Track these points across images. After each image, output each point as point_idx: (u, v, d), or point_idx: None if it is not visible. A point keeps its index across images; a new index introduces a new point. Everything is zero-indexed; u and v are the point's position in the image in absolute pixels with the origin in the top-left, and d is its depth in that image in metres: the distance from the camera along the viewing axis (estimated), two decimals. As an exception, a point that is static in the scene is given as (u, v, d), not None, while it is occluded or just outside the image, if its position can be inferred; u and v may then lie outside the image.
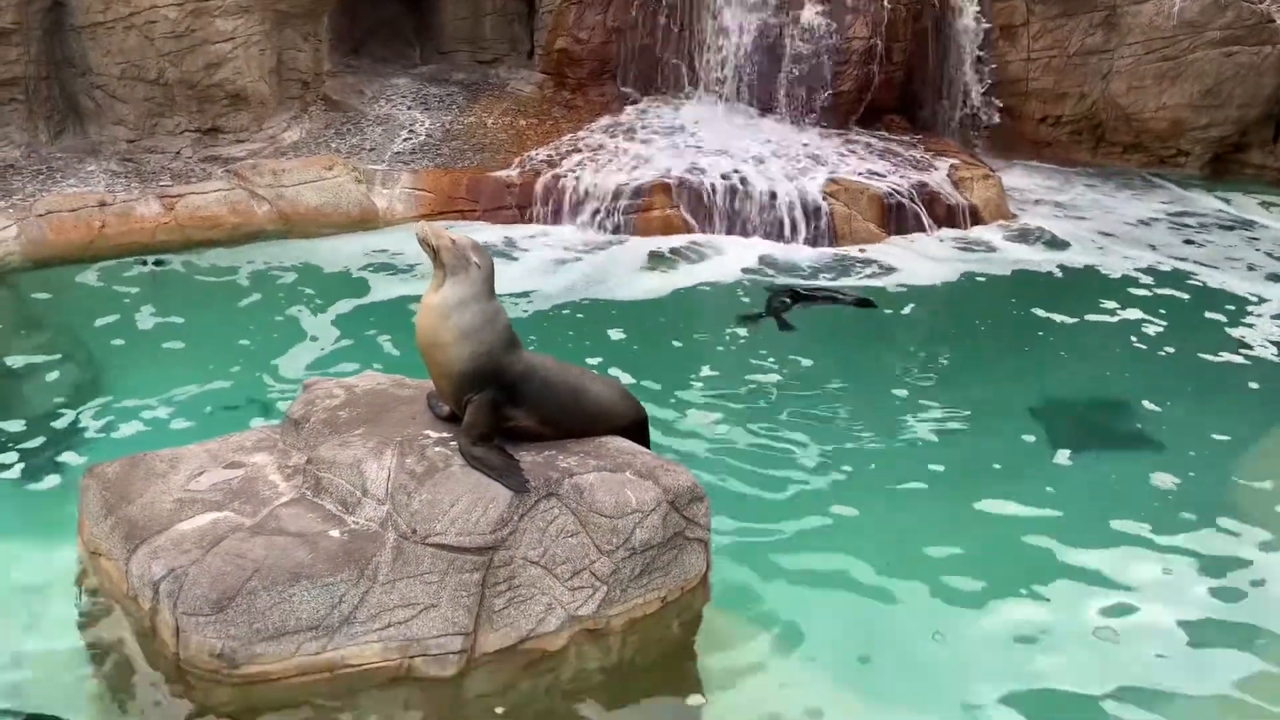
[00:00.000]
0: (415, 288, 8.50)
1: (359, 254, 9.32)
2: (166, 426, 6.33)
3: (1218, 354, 7.82)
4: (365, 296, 8.52)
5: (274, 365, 7.28)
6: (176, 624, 3.92)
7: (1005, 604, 4.93)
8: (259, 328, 7.86)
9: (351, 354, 7.43)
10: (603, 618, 4.24)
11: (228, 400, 6.73)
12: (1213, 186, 11.88)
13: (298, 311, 8.15)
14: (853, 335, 8.26)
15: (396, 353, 7.42)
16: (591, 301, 8.56)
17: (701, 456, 6.12)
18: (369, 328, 7.93)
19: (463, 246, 4.29)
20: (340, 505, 4.26)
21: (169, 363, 7.27)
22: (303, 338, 7.74)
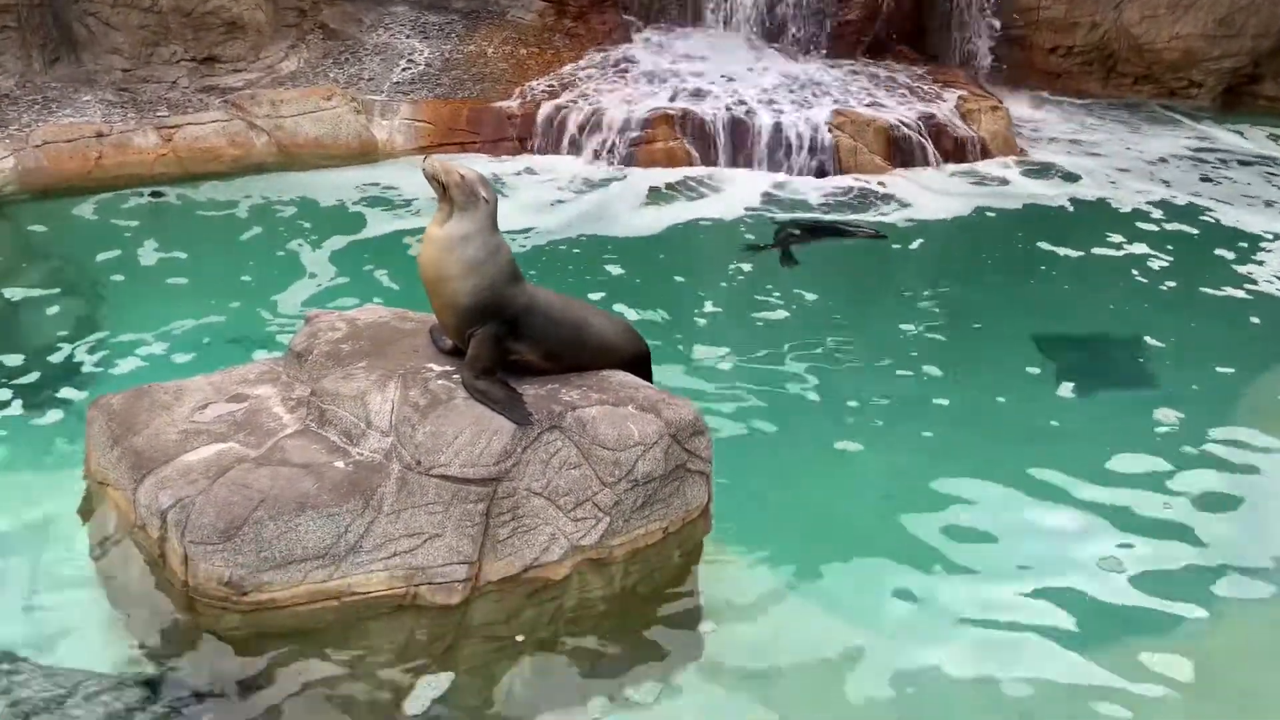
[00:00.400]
0: (415, 222, 8.45)
1: (359, 187, 9.24)
2: (169, 359, 6.34)
3: (1224, 289, 7.79)
4: (365, 230, 8.47)
5: (275, 298, 7.27)
6: (185, 552, 3.97)
7: (1006, 536, 4.98)
8: (259, 261, 7.83)
9: (352, 287, 7.41)
10: (605, 548, 4.30)
11: (230, 333, 6.74)
12: (1224, 119, 11.71)
13: (298, 245, 8.12)
14: (857, 269, 8.22)
15: (397, 286, 7.40)
16: (593, 235, 8.51)
17: (704, 390, 6.13)
18: (369, 261, 7.90)
19: (471, 181, 4.26)
20: (344, 437, 4.29)
21: (170, 295, 7.26)
22: (303, 271, 7.71)
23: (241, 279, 7.52)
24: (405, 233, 8.34)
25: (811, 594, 4.54)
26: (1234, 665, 4.25)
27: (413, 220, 8.56)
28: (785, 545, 4.82)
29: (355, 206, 8.90)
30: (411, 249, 7.94)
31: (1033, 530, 5.04)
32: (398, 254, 8.01)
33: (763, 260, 8.19)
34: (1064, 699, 4.02)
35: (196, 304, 7.09)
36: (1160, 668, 4.20)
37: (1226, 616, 4.51)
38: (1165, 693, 4.07)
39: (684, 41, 11.23)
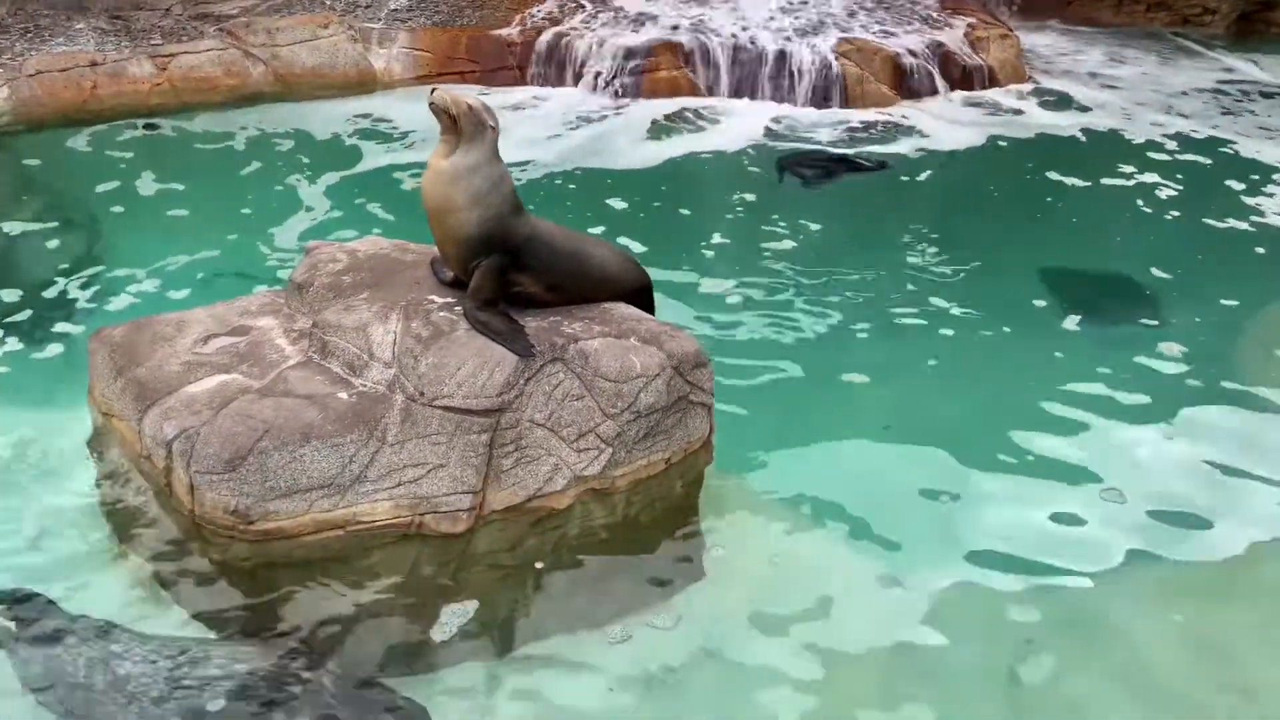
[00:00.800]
0: (414, 154, 8.36)
1: (357, 118, 9.13)
2: (169, 291, 6.33)
3: (1232, 221, 7.71)
4: (364, 162, 8.39)
5: (274, 230, 7.22)
6: (191, 482, 4.00)
7: (1008, 468, 5.00)
8: (258, 192, 7.77)
9: (351, 219, 7.36)
10: (608, 478, 4.33)
11: (229, 265, 6.71)
12: (1238, 47, 11.48)
13: (296, 176, 8.04)
14: (862, 200, 8.14)
15: (396, 218, 7.35)
16: (594, 166, 8.42)
17: (707, 322, 6.12)
18: (368, 193, 7.83)
19: (478, 111, 4.21)
20: (347, 368, 4.29)
21: (169, 228, 7.21)
22: (302, 203, 7.65)
23: (240, 211, 7.46)
24: (404, 164, 8.26)
25: (813, 523, 4.58)
26: (1237, 600, 4.29)
27: (411, 152, 8.46)
28: (787, 475, 4.85)
29: (353, 137, 8.79)
30: (404, 184, 7.87)
31: (1034, 461, 5.05)
32: (397, 186, 7.94)
33: (766, 192, 8.11)
34: (1065, 626, 4.06)
35: (195, 236, 7.05)
36: (1162, 599, 4.24)
37: (1228, 550, 4.54)
38: (1166, 625, 4.11)
39: (688, -33, 10.98)
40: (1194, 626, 4.09)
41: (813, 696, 3.69)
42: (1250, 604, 4.26)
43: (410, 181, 7.86)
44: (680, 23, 10.04)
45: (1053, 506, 4.75)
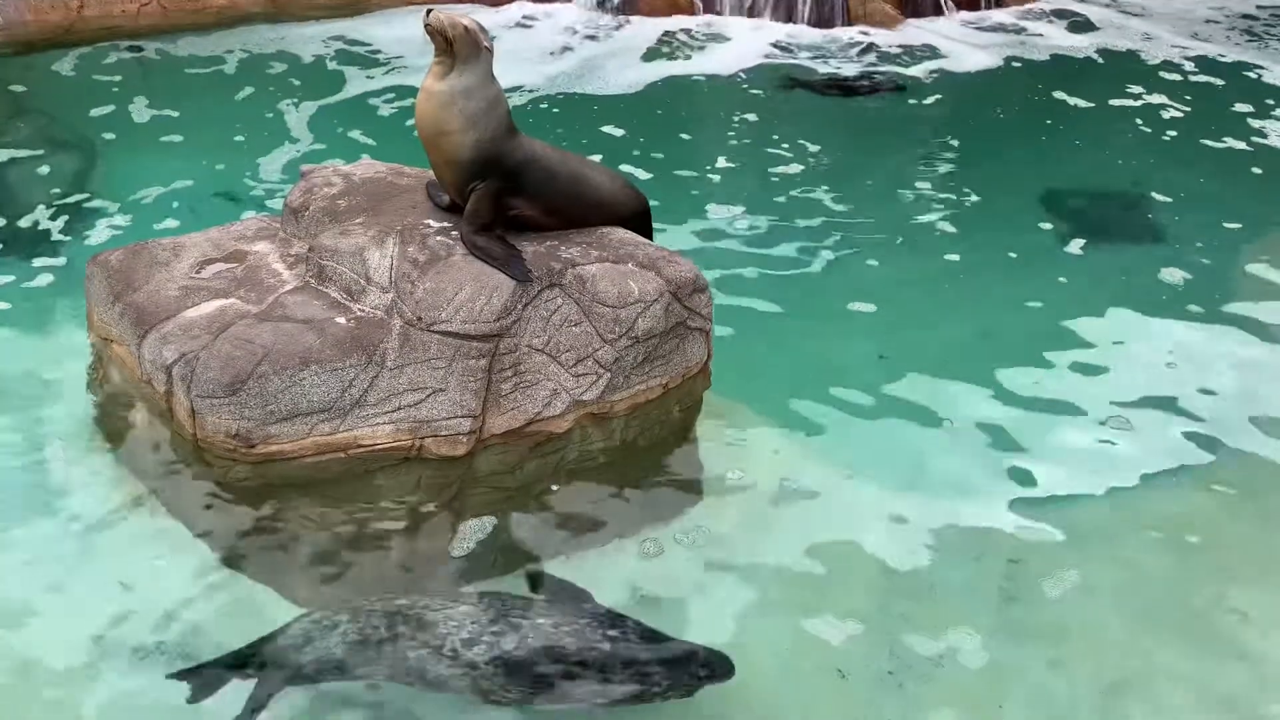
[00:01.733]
0: (408, 77, 8.22)
1: (350, 39, 8.95)
2: (163, 216, 6.28)
3: (1237, 142, 7.61)
4: (360, 84, 8.25)
5: (268, 154, 7.14)
6: (191, 406, 4.03)
7: (1009, 394, 5.00)
8: (250, 116, 7.66)
9: (345, 142, 7.28)
10: (606, 403, 4.36)
11: (224, 189, 6.65)
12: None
13: (289, 99, 7.92)
14: (863, 123, 8.03)
15: (390, 141, 7.26)
16: (592, 89, 8.29)
17: (705, 247, 6.10)
18: (362, 116, 7.72)
19: (474, 32, 4.13)
20: (344, 293, 4.29)
21: (161, 152, 7.13)
22: (295, 126, 7.55)
23: (233, 134, 7.37)
24: (399, 87, 8.12)
25: (810, 448, 4.62)
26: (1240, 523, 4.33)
27: (406, 74, 8.32)
28: (784, 401, 4.88)
29: (347, 60, 8.64)
30: (399, 106, 7.75)
31: (1033, 385, 5.06)
32: (391, 108, 7.82)
33: (765, 114, 8.00)
34: (1061, 552, 4.10)
35: (189, 160, 6.97)
36: (1163, 522, 4.27)
37: (1229, 475, 4.57)
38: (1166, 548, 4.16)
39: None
40: (1194, 550, 4.14)
41: (807, 617, 3.77)
42: (1252, 528, 4.31)
43: (404, 104, 7.75)
44: (680, -61, 9.78)
45: (1051, 431, 4.78)
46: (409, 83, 7.99)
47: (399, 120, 7.60)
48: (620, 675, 3.29)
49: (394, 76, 8.35)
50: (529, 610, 3.45)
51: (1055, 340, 5.37)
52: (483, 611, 3.39)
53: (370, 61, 8.64)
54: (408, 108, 7.41)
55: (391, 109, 7.80)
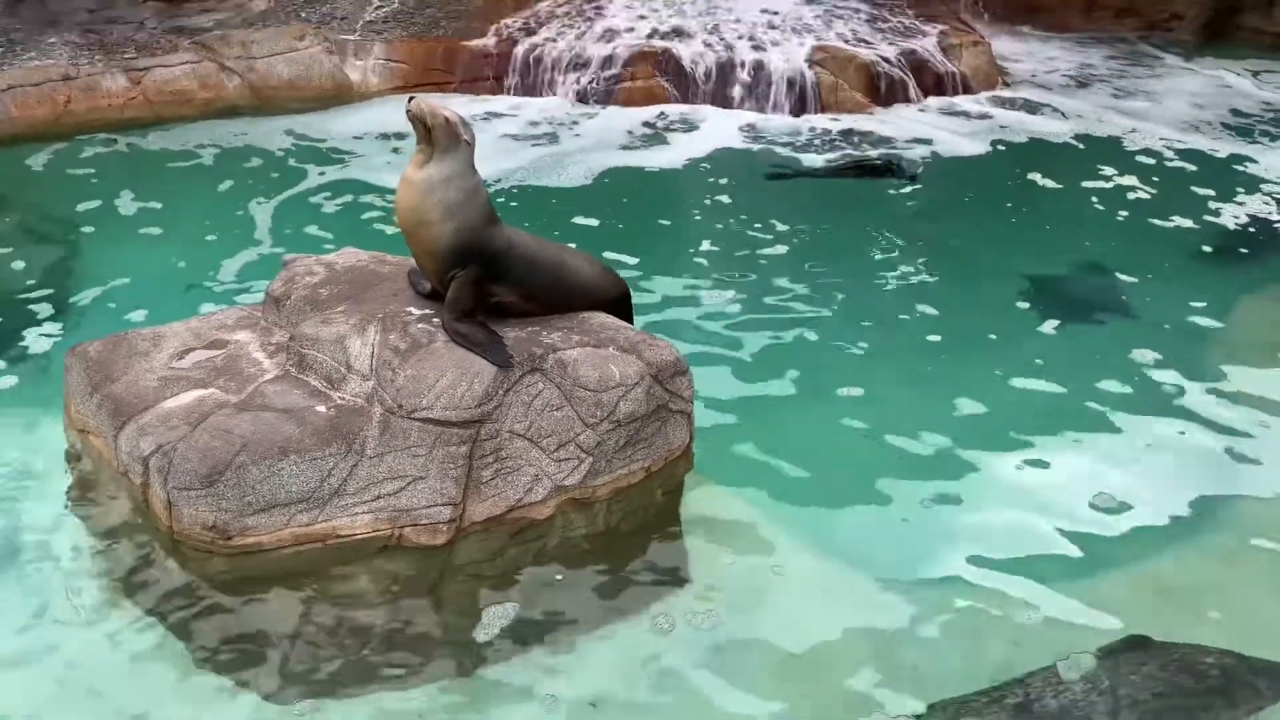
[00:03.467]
0: (392, 163, 8.34)
1: (334, 128, 9.11)
2: (145, 306, 6.28)
3: (1200, 221, 7.81)
4: (342, 172, 8.37)
5: (250, 243, 7.20)
6: (168, 498, 3.98)
7: (989, 474, 5.02)
8: (234, 205, 7.74)
9: (329, 231, 7.34)
10: (588, 488, 4.34)
11: (206, 279, 6.68)
12: (1207, 51, 11.63)
13: (273, 189, 8.01)
14: (842, 207, 8.18)
15: (374, 229, 7.34)
16: (572, 175, 8.43)
17: (685, 330, 6.14)
18: (347, 204, 7.81)
19: (454, 124, 4.22)
20: (325, 381, 4.29)
21: (145, 242, 7.17)
22: (279, 215, 7.63)
23: (216, 224, 7.43)
24: (383, 175, 8.24)
25: (795, 531, 4.59)
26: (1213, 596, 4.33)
27: (390, 161, 8.45)
28: (768, 482, 4.87)
29: (331, 148, 8.77)
30: (382, 195, 7.85)
31: (1014, 466, 5.08)
32: (374, 196, 7.93)
33: (742, 199, 8.14)
34: (1050, 630, 4.07)
35: (172, 250, 7.01)
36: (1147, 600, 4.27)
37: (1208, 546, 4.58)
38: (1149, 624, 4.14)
39: (663, -24, 11.03)
40: (1175, 628, 4.12)
41: (794, 703, 3.70)
42: (1230, 602, 4.30)
43: (386, 193, 7.85)
44: (655, 32, 10.09)
45: (1033, 510, 4.77)
46: (391, 172, 8.11)
47: (384, 207, 7.70)
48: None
49: (380, 164, 8.48)
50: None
51: (1035, 421, 5.41)
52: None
53: (356, 149, 8.78)
54: (390, 197, 7.51)
55: (373, 198, 7.91)
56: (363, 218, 7.60)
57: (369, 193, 8.00)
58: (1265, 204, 8.08)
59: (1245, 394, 5.66)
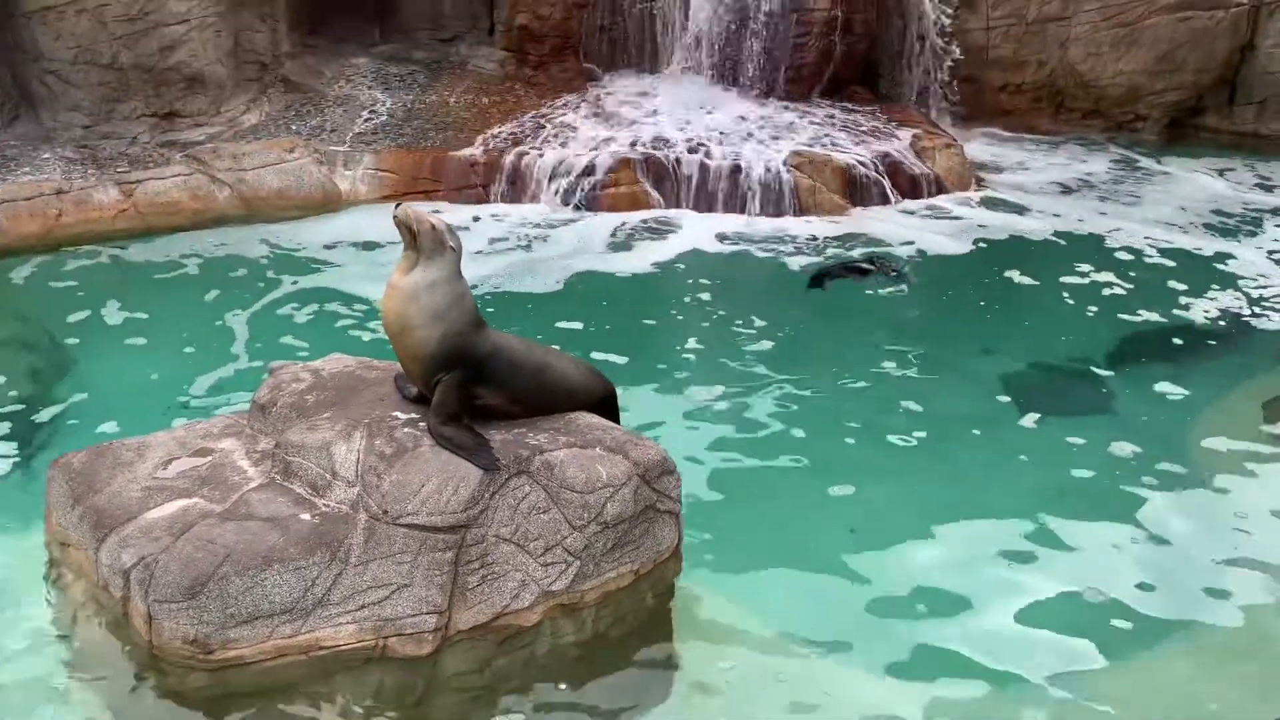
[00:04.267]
0: (380, 270, 8.45)
1: (322, 237, 9.25)
2: (132, 416, 6.26)
3: (1174, 317, 7.96)
4: (330, 280, 8.47)
5: (238, 351, 7.23)
6: (149, 612, 3.91)
7: (977, 571, 5.01)
8: (223, 314, 7.79)
9: (317, 338, 7.38)
10: (576, 592, 4.28)
11: (193, 388, 6.68)
12: (1170, 150, 12.03)
13: (261, 297, 8.09)
14: (820, 305, 8.31)
15: (362, 335, 7.39)
16: (558, 279, 8.56)
17: (672, 430, 6.16)
18: (334, 311, 7.88)
19: (440, 230, 4.30)
20: (310, 488, 4.26)
21: (133, 352, 7.20)
22: (267, 323, 7.69)
23: (205, 333, 7.47)
24: (371, 281, 8.34)
25: (787, 632, 4.54)
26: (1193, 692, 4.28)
27: (378, 268, 8.56)
28: (758, 583, 4.83)
29: (319, 256, 8.89)
30: (369, 301, 7.94)
31: (999, 562, 5.08)
32: (362, 302, 8.01)
33: (724, 300, 8.26)
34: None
35: (161, 359, 7.03)
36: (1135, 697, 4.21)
37: (1185, 640, 4.55)
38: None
39: (644, 87, 11.39)
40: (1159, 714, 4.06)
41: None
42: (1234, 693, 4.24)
43: (375, 300, 7.93)
44: (639, 140, 10.37)
45: (1020, 607, 4.75)
46: (377, 280, 8.21)
47: (372, 313, 7.77)
48: None
49: (368, 270, 8.59)
50: None
51: (1021, 516, 5.43)
52: None
53: (344, 257, 8.90)
54: (377, 304, 7.59)
55: (365, 302, 7.99)
56: (350, 325, 7.66)
57: (355, 300, 8.09)
58: (1235, 299, 8.26)
59: (1221, 488, 5.69)
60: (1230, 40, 11.91)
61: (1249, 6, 11.82)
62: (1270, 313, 7.98)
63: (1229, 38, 11.90)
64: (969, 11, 12.20)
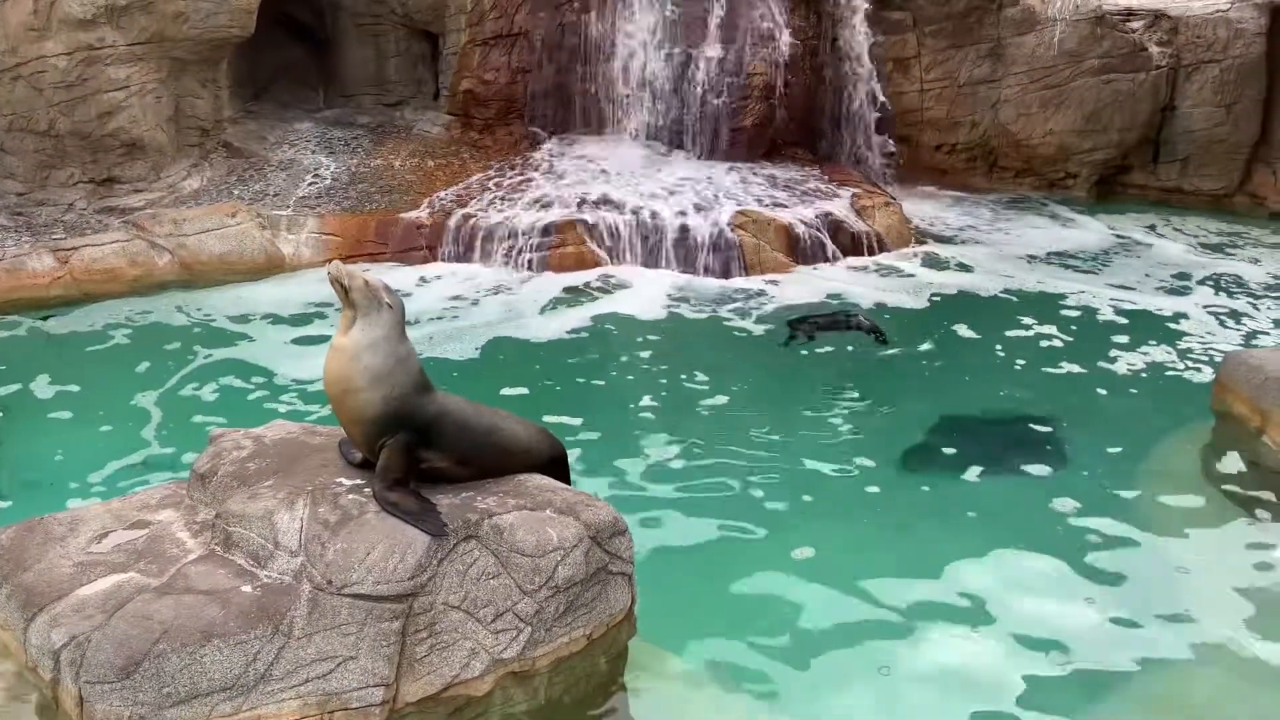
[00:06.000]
0: (323, 333, 8.37)
1: (265, 301, 9.14)
2: (65, 488, 6.08)
3: (1111, 368, 8.16)
4: (273, 344, 8.35)
5: (179, 419, 7.07)
6: (80, 694, 3.74)
7: (927, 626, 5.01)
8: (161, 381, 7.63)
9: (260, 404, 7.26)
10: (528, 659, 4.19)
11: (130, 458, 6.50)
12: (1099, 207, 12.47)
13: (202, 363, 7.94)
14: (766, 363, 8.38)
15: (305, 402, 7.27)
16: (506, 339, 8.54)
17: (624, 490, 6.12)
18: (277, 376, 7.76)
19: (374, 287, 4.24)
20: (252, 559, 4.14)
21: (67, 422, 7.00)
22: (208, 389, 7.53)
23: (143, 401, 7.30)
24: (314, 345, 8.24)
25: (743, 693, 4.48)
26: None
27: (321, 331, 8.47)
28: (713, 644, 4.77)
29: (261, 321, 8.78)
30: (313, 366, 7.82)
31: (951, 617, 5.09)
32: (307, 367, 7.89)
33: (673, 358, 8.30)
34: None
35: (97, 428, 6.84)
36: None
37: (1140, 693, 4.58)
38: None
39: (589, 149, 11.54)
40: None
41: None
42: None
43: (317, 365, 7.83)
44: (585, 201, 10.47)
45: (968, 660, 4.76)
46: (319, 345, 8.12)
47: (316, 378, 7.66)
48: None
49: (312, 333, 8.50)
50: None
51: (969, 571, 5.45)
52: None
53: (287, 321, 8.80)
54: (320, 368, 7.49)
55: (308, 367, 7.87)
56: (294, 389, 7.54)
57: (300, 364, 7.97)
58: (1167, 351, 8.50)
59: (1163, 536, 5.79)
60: (1152, 101, 12.45)
61: (1168, 69, 12.38)
62: (1201, 364, 8.22)
63: (1150, 99, 12.44)
64: (902, 74, 12.61)
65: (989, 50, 12.58)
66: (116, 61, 9.79)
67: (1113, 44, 12.34)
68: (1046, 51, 12.38)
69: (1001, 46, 12.53)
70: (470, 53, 11.65)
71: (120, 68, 9.84)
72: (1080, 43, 12.33)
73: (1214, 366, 7.81)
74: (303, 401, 7.27)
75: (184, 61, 10.26)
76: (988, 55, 12.60)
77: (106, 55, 9.75)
